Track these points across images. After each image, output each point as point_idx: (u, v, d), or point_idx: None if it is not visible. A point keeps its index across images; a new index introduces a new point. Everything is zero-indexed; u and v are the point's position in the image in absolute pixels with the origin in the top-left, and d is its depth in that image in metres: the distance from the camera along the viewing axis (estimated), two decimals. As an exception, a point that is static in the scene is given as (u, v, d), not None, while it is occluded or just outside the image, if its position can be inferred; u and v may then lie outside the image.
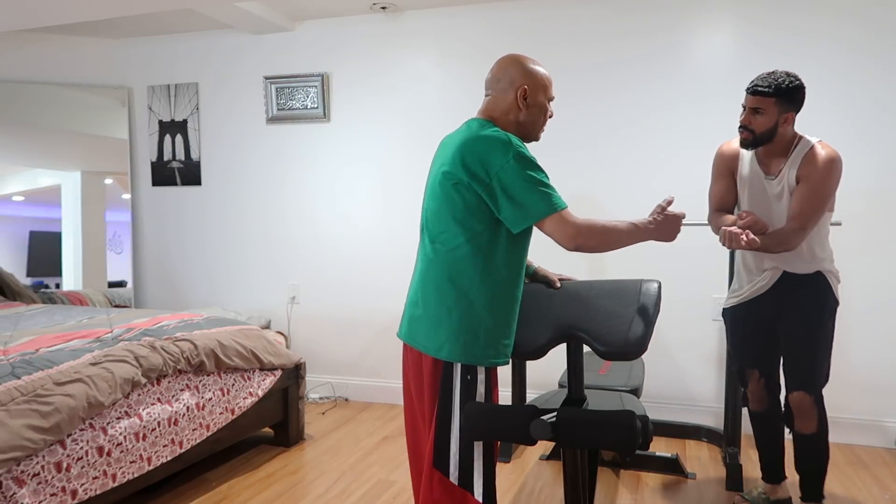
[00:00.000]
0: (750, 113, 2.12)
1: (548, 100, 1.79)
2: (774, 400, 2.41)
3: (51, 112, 4.41)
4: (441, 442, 1.67)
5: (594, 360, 2.92)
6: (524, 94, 1.74)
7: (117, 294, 4.33)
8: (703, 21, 3.32)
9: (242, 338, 2.91)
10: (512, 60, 1.80)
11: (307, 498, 2.61)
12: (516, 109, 1.75)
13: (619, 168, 3.47)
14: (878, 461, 3.00)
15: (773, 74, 2.09)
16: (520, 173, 1.61)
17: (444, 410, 1.67)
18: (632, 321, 1.66)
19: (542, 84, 1.77)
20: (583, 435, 1.59)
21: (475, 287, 1.66)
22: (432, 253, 1.72)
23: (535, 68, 1.78)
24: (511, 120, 1.75)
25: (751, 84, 2.12)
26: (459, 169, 1.64)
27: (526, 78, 1.75)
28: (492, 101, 1.78)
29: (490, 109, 1.78)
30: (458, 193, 1.65)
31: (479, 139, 1.64)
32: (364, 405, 3.87)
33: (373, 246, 3.91)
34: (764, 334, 2.32)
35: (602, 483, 2.72)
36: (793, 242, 2.10)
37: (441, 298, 1.68)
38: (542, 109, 1.78)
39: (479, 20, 3.64)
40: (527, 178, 1.61)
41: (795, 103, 2.10)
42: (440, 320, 1.68)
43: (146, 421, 2.30)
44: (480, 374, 1.68)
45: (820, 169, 2.09)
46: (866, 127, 3.12)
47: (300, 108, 3.96)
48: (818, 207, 2.11)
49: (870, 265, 3.14)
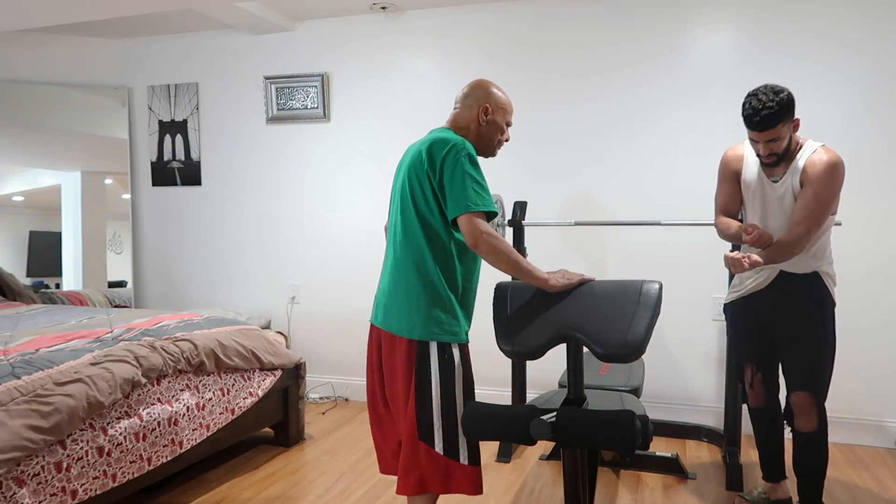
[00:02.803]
0: (766, 144, 2.12)
1: (505, 123, 2.03)
2: (773, 397, 2.41)
3: (51, 112, 4.41)
4: (423, 417, 1.84)
5: (594, 360, 2.92)
6: (485, 111, 1.98)
7: (117, 294, 4.33)
8: (702, 22, 3.32)
9: (242, 338, 2.91)
10: (480, 83, 2.04)
11: (307, 498, 2.61)
12: (476, 123, 1.99)
13: (618, 169, 3.47)
14: (878, 461, 3.00)
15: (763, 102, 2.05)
16: (464, 169, 1.82)
17: (422, 386, 1.85)
18: (631, 323, 1.66)
19: (501, 107, 2.01)
20: (583, 435, 1.59)
21: (437, 273, 1.87)
22: (400, 245, 1.92)
23: (498, 93, 2.02)
24: (472, 131, 1.99)
25: (753, 121, 2.08)
26: (423, 165, 1.87)
27: (489, 98, 2.00)
28: (457, 114, 2.03)
29: (455, 121, 2.03)
30: (420, 188, 1.88)
31: (441, 140, 1.87)
32: (364, 405, 3.86)
33: (373, 246, 3.90)
34: (761, 330, 2.34)
35: (602, 483, 2.72)
36: (797, 249, 2.12)
37: (409, 285, 1.88)
38: (498, 128, 2.01)
39: (479, 20, 3.64)
40: (467, 175, 1.82)
41: (793, 111, 2.10)
42: (409, 305, 1.87)
43: (146, 421, 2.30)
44: (455, 350, 1.87)
45: (823, 174, 2.10)
46: (865, 127, 3.12)
47: (300, 108, 3.96)
48: (822, 212, 2.12)
49: (870, 266, 3.14)
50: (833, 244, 2.28)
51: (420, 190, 1.87)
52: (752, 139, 2.15)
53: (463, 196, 1.80)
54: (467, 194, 1.80)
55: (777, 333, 2.28)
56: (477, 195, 1.81)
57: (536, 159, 3.59)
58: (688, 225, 3.00)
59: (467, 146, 1.86)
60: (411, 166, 1.90)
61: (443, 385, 1.84)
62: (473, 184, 1.81)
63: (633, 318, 1.66)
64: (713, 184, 2.43)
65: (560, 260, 3.38)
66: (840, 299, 2.30)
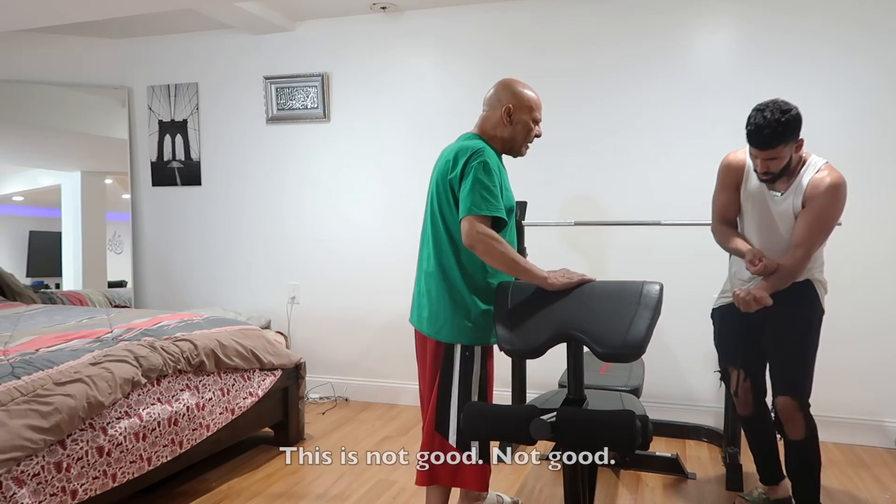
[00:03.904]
0: (764, 161, 2.09)
1: (532, 120, 2.03)
2: (761, 403, 2.41)
3: (51, 112, 4.41)
4: (442, 412, 1.98)
5: (594, 360, 2.91)
6: (509, 112, 2.00)
7: (117, 294, 4.33)
8: (702, 21, 3.32)
9: (242, 338, 2.91)
10: (504, 82, 2.05)
11: (307, 498, 2.61)
12: (502, 125, 2.02)
13: (619, 168, 3.47)
14: (878, 461, 3.00)
15: (769, 119, 2.01)
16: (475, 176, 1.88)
17: (444, 384, 1.98)
18: (631, 323, 1.66)
19: (527, 105, 2.02)
20: (583, 435, 1.59)
21: (462, 280, 1.97)
22: (429, 250, 2.03)
23: (523, 91, 2.02)
24: (498, 135, 2.03)
25: (753, 138, 2.05)
26: (450, 172, 1.94)
27: (513, 98, 2.01)
28: (484, 117, 2.06)
29: (482, 124, 2.06)
30: (446, 195, 1.96)
31: (465, 148, 1.94)
32: (364, 405, 3.87)
33: (373, 246, 3.91)
34: (749, 337, 2.34)
35: (602, 483, 2.72)
36: (799, 272, 2.14)
37: (438, 291, 1.99)
38: (525, 127, 2.03)
39: (479, 20, 3.64)
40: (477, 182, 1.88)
41: (798, 132, 2.07)
42: (437, 310, 1.99)
43: (146, 421, 2.29)
44: (477, 352, 1.99)
45: (825, 196, 2.09)
46: (864, 127, 3.12)
47: (300, 108, 3.96)
48: (823, 234, 2.14)
49: (871, 267, 3.14)
50: (833, 246, 2.28)
51: (446, 197, 1.96)
52: (751, 154, 2.14)
53: (468, 200, 1.87)
54: (473, 199, 1.87)
55: (768, 339, 2.27)
56: (483, 200, 1.87)
57: (536, 159, 3.54)
58: (688, 225, 3.00)
59: (486, 153, 1.91)
60: (440, 173, 1.99)
61: (462, 383, 1.97)
62: (482, 189, 1.87)
63: (633, 317, 1.66)
64: (713, 183, 2.43)
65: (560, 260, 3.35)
66: (840, 300, 2.30)
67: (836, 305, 2.41)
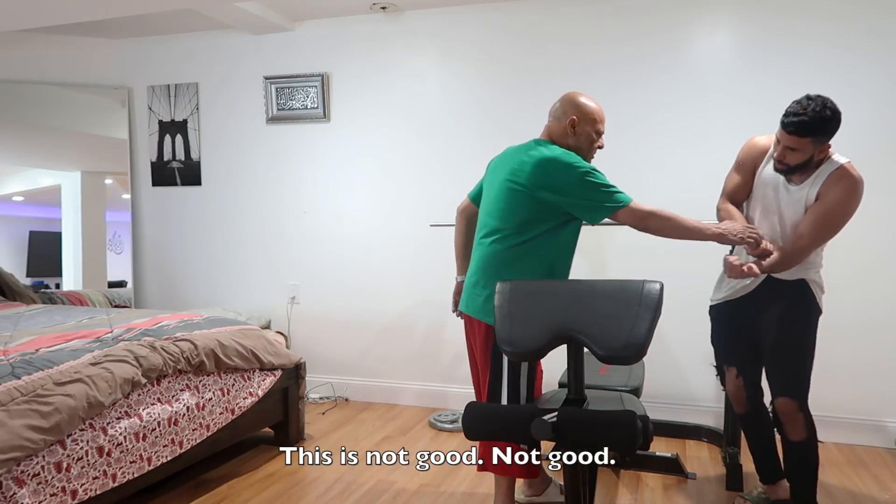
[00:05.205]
0: (784, 149, 2.06)
1: (595, 132, 2.13)
2: (757, 402, 2.40)
3: (51, 112, 4.41)
4: (493, 394, 2.07)
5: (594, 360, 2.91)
6: (573, 124, 2.10)
7: (117, 294, 4.33)
8: (704, 21, 3.32)
9: (242, 338, 2.91)
10: (568, 95, 2.15)
11: (307, 498, 2.61)
12: (567, 136, 2.12)
13: (619, 167, 3.44)
14: (878, 461, 3.00)
15: (808, 111, 1.98)
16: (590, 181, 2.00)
17: (495, 368, 2.07)
18: (632, 325, 1.66)
19: (590, 118, 2.11)
20: (584, 435, 1.59)
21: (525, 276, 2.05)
22: (490, 245, 2.12)
23: (587, 103, 2.12)
24: (565, 144, 2.11)
25: (786, 119, 2.02)
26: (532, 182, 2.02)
27: (576, 110, 2.11)
28: (550, 127, 2.16)
29: (550, 133, 2.16)
30: (522, 202, 2.04)
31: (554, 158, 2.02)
32: (364, 405, 3.87)
33: (373, 246, 3.91)
34: (745, 334, 2.33)
35: (602, 483, 2.72)
36: (797, 261, 2.12)
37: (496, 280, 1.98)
38: (588, 139, 2.13)
39: (479, 20, 3.64)
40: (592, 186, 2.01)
41: (830, 135, 2.03)
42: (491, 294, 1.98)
43: (146, 421, 2.29)
44: None
45: (840, 194, 2.07)
46: (864, 127, 3.12)
47: (300, 108, 3.96)
48: (829, 231, 2.11)
49: (870, 266, 3.14)
50: (833, 245, 2.27)
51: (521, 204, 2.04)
52: (777, 136, 2.10)
53: (605, 200, 2.00)
54: (612, 197, 2.01)
55: (763, 339, 2.27)
56: (617, 193, 2.02)
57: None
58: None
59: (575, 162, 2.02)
60: (514, 180, 2.05)
61: (510, 368, 2.05)
62: (603, 188, 2.01)
63: (634, 319, 1.66)
64: (715, 183, 2.43)
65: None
66: (840, 300, 2.30)
67: (835, 305, 2.41)
